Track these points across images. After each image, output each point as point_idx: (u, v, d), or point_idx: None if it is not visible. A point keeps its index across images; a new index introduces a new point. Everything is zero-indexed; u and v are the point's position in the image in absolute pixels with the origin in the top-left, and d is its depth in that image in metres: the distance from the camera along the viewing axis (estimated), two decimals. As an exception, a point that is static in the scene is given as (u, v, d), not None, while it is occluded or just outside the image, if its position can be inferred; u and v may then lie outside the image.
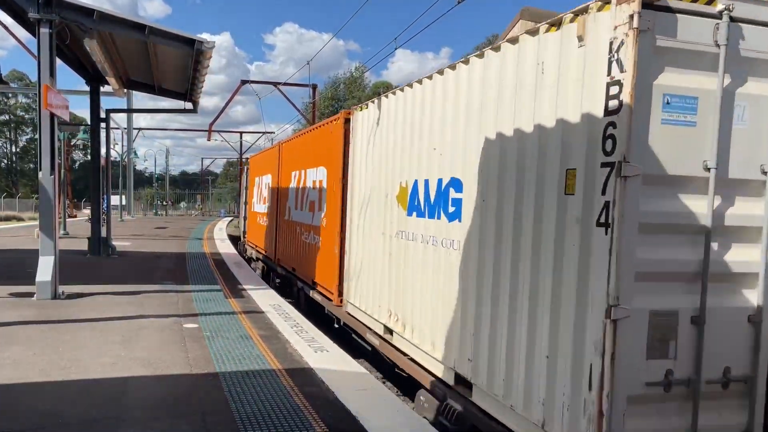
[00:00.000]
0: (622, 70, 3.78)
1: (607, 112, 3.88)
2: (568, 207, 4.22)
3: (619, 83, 3.80)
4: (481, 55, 5.49)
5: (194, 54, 11.79)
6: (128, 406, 5.43)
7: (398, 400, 5.97)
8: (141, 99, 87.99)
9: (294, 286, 13.06)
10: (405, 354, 7.07)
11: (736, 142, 4.06)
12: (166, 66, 14.77)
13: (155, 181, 66.47)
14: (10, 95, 78.41)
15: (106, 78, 16.05)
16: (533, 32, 4.71)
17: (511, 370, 4.85)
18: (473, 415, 5.38)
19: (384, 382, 8.33)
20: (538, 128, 4.59)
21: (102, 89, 17.58)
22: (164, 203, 64.54)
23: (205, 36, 11.49)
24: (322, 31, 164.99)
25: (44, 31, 10.24)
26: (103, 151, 19.47)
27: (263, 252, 17.53)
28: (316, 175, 11.32)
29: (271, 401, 5.62)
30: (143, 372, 6.42)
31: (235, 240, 27.37)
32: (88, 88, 17.51)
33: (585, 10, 4.15)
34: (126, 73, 16.91)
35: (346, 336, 10.03)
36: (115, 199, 37.76)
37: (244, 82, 33.56)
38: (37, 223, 11.70)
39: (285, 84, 33.48)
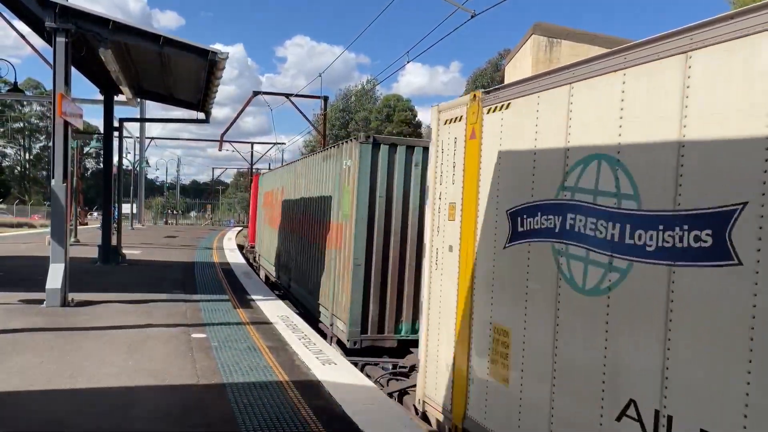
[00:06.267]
0: None
1: None
2: None
3: None
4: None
5: (207, 65, 11.87)
6: (134, 416, 5.39)
7: (407, 416, 5.91)
8: (153, 108, 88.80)
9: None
10: None
11: None
12: (180, 76, 14.88)
13: (166, 190, 66.82)
14: (24, 103, 79.44)
15: (120, 87, 16.18)
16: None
17: None
18: None
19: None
20: None
21: (116, 98, 17.72)
22: (174, 212, 64.81)
23: (218, 47, 11.57)
24: (334, 44, 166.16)
25: (60, 40, 10.34)
26: (115, 159, 19.63)
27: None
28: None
29: (278, 414, 5.56)
30: (150, 382, 6.39)
31: (244, 249, 27.42)
32: (101, 97, 17.66)
33: None
34: (139, 83, 17.06)
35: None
36: (126, 208, 37.98)
37: (256, 93, 33.71)
38: (48, 230, 11.74)
39: (296, 96, 33.58)
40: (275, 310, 11.13)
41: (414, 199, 9.49)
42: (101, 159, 22.34)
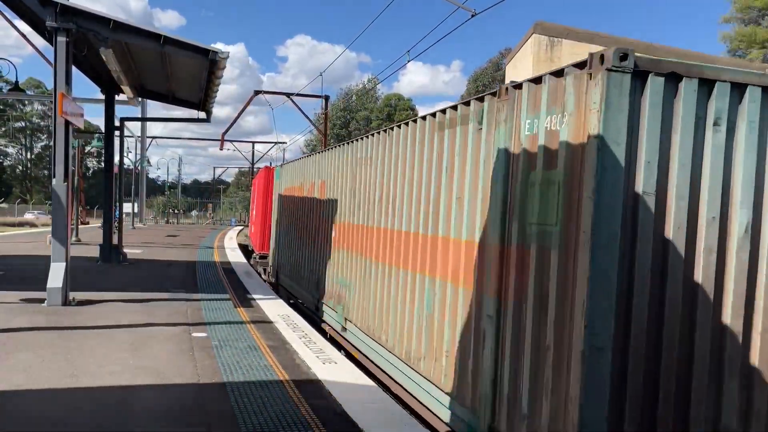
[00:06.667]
0: None
1: None
2: None
3: None
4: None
5: (208, 64, 11.88)
6: (135, 415, 5.40)
7: (407, 415, 5.91)
8: (154, 107, 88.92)
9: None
10: None
11: None
12: (181, 76, 14.89)
13: (167, 189, 66.92)
14: (26, 102, 79.55)
15: (121, 87, 16.20)
16: None
17: None
18: None
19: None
20: None
21: (117, 98, 17.74)
22: (176, 211, 64.84)
23: (219, 46, 11.58)
24: (335, 43, 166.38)
25: (61, 39, 10.35)
26: (116, 158, 19.63)
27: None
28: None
29: (278, 413, 5.57)
30: (151, 381, 6.40)
31: (245, 249, 27.43)
32: (102, 97, 17.67)
33: None
34: (140, 83, 17.07)
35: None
36: (127, 207, 38.02)
37: (257, 92, 33.69)
38: (49, 229, 11.76)
39: (297, 95, 33.60)
40: (276, 309, 11.14)
41: (712, 198, 4.39)
42: (102, 158, 22.36)
